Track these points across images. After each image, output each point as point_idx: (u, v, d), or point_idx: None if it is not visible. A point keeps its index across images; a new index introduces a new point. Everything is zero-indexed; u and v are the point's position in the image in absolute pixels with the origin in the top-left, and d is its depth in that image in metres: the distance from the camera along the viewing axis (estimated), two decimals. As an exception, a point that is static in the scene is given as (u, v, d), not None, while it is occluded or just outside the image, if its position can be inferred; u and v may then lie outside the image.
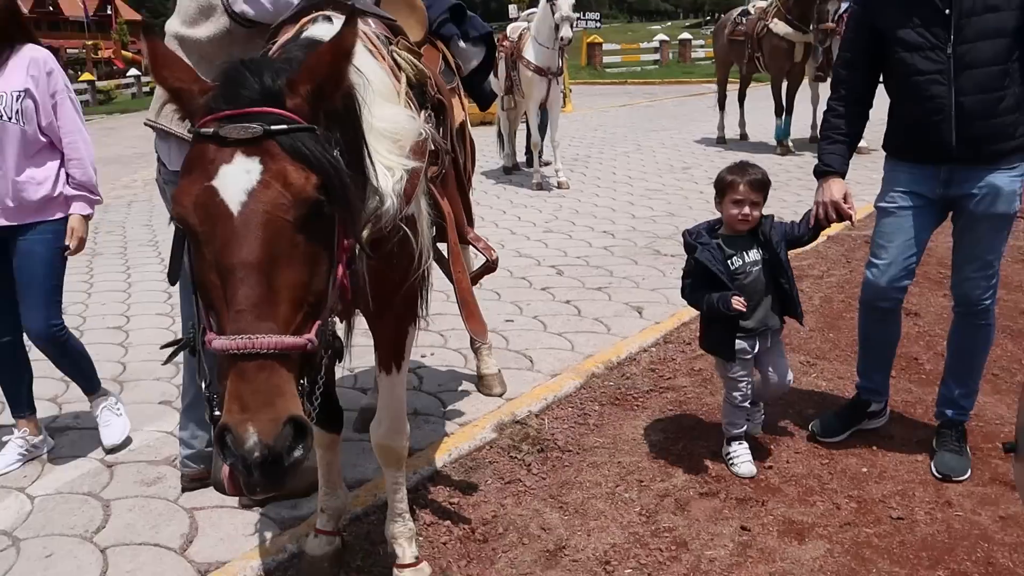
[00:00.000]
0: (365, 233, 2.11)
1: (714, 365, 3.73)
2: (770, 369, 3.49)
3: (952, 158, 3.18)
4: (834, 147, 3.40)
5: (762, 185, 3.33)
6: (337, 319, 2.70)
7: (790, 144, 11.70)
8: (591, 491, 3.37)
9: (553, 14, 9.11)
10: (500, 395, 4.24)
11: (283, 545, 3.06)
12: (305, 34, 2.24)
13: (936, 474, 3.39)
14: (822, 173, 3.40)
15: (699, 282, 3.35)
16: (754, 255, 3.38)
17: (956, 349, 3.52)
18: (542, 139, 10.22)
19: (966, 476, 3.37)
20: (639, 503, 3.27)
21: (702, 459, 3.58)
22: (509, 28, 10.42)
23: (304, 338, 1.61)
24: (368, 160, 2.02)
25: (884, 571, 2.84)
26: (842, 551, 2.96)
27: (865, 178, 8.03)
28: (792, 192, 8.91)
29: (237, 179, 1.58)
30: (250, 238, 1.56)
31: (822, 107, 12.26)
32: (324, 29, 2.24)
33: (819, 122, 13.30)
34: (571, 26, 9.26)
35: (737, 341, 3.38)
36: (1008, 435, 2.32)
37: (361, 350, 3.81)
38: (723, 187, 3.37)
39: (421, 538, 3.07)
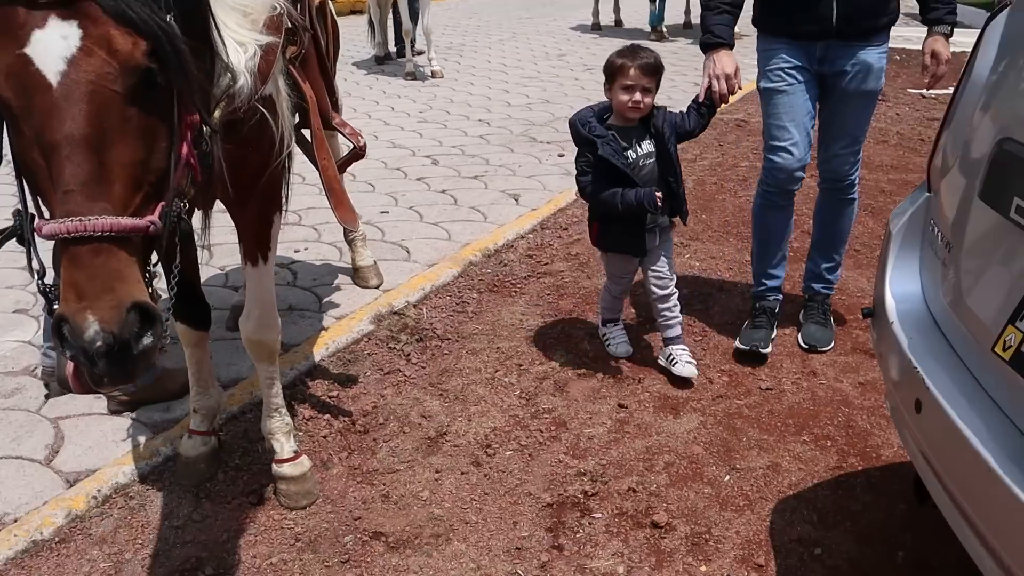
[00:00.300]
0: (218, 113, 1.96)
1: (600, 259, 3.62)
2: (652, 269, 3.31)
3: (830, 33, 3.16)
4: (720, 17, 3.25)
5: (654, 70, 3.13)
6: (196, 209, 2.57)
7: (664, 30, 11.69)
8: (471, 377, 3.37)
9: None
10: (377, 287, 4.17)
11: (156, 448, 2.95)
12: None
13: (803, 345, 3.52)
14: (711, 45, 3.24)
15: (601, 178, 3.12)
16: (647, 147, 3.19)
17: (823, 223, 3.60)
18: (414, 27, 9.89)
19: (830, 347, 3.51)
20: (519, 387, 3.30)
21: (580, 341, 3.62)
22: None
23: (145, 220, 1.48)
24: (216, 34, 1.86)
25: (754, 439, 2.96)
26: (715, 423, 3.06)
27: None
28: (666, 78, 8.89)
29: (53, 46, 1.41)
30: (74, 111, 1.40)
31: (695, -10, 11.97)
32: None
33: (692, 7, 13.32)
34: None
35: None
36: (869, 304, 2.41)
37: (231, 247, 3.66)
38: (613, 72, 3.14)
39: (300, 432, 3.02)
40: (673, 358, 3.32)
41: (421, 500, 2.70)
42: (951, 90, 3.07)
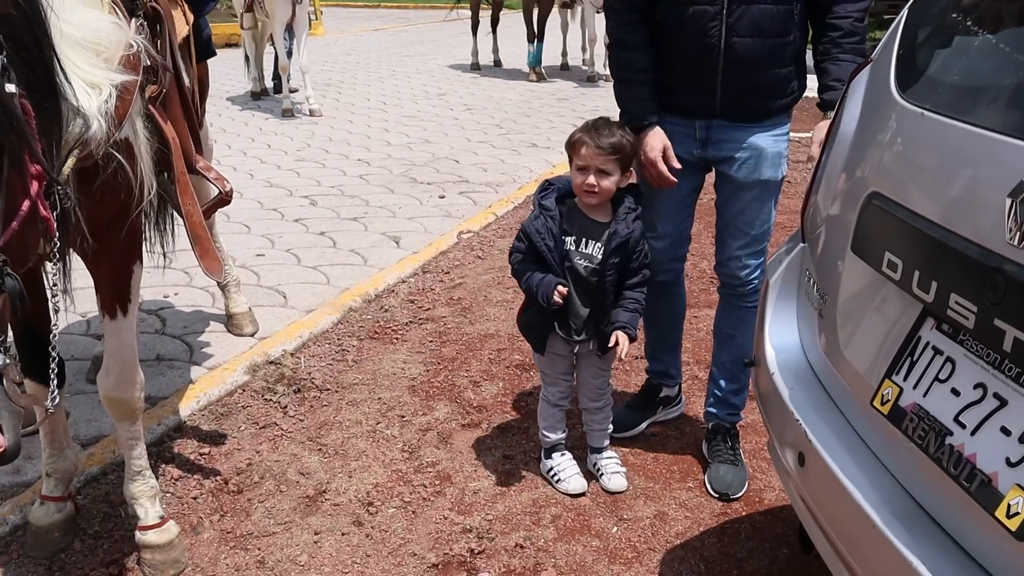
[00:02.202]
0: (71, 161, 1.82)
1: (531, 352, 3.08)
2: (586, 380, 2.94)
3: (713, 112, 2.71)
4: (638, 90, 2.75)
5: (614, 149, 2.62)
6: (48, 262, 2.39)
7: (542, 71, 11.88)
8: (351, 430, 3.25)
9: None
10: (252, 334, 4.00)
11: (3, 517, 2.72)
12: None
13: (712, 492, 2.92)
14: (638, 130, 2.73)
15: (530, 254, 2.72)
16: (595, 250, 2.71)
17: (723, 337, 3.05)
18: (290, 62, 9.71)
19: (744, 490, 2.94)
20: (401, 439, 3.20)
21: (463, 390, 3.55)
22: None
23: None
24: (61, 76, 1.73)
25: (640, 487, 2.93)
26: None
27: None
28: (545, 119, 9.06)
29: None
30: None
31: (571, 33, 12.49)
32: None
33: (568, 49, 13.57)
34: None
35: (553, 336, 2.83)
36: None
37: (93, 292, 3.46)
38: (569, 148, 2.71)
39: (168, 494, 2.85)
40: (600, 469, 2.97)
41: (299, 565, 2.56)
42: (813, 134, 3.07)
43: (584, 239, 2.72)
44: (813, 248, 2.21)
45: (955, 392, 1.53)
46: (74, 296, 3.02)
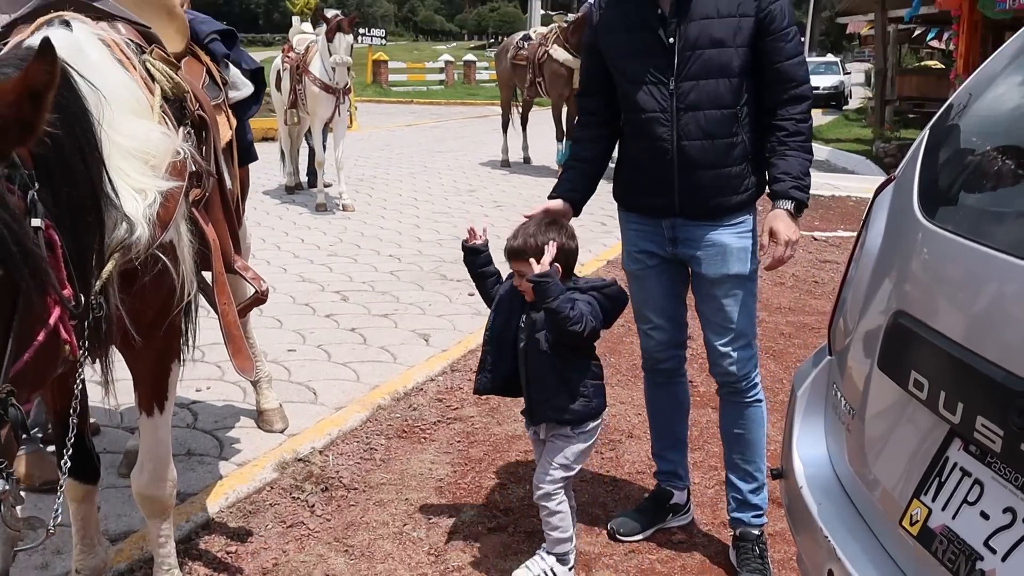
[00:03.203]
0: (111, 265, 1.90)
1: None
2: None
3: (674, 211, 2.87)
4: (566, 174, 3.08)
5: (519, 253, 2.76)
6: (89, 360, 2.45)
7: (571, 169, 12.09)
8: (378, 531, 3.25)
9: (330, 55, 8.93)
10: (281, 431, 4.04)
11: (32, 614, 2.74)
12: (27, 43, 1.95)
13: None
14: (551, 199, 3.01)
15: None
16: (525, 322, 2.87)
17: (730, 437, 3.06)
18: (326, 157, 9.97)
19: None
20: (428, 542, 3.19)
21: (490, 492, 3.55)
22: (295, 39, 10.03)
23: None
24: (109, 186, 1.82)
25: (666, 596, 2.91)
26: (626, 578, 3.00)
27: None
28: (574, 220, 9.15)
29: None
30: None
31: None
32: (59, 37, 1.95)
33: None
34: (347, 71, 9.12)
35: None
36: (774, 455, 2.42)
37: (127, 384, 3.52)
38: None
39: (194, 594, 2.85)
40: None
41: (322, 671, 2.54)
42: (841, 232, 3.11)
43: (528, 313, 2.85)
44: (841, 362, 2.22)
45: (984, 515, 1.53)
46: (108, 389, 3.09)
